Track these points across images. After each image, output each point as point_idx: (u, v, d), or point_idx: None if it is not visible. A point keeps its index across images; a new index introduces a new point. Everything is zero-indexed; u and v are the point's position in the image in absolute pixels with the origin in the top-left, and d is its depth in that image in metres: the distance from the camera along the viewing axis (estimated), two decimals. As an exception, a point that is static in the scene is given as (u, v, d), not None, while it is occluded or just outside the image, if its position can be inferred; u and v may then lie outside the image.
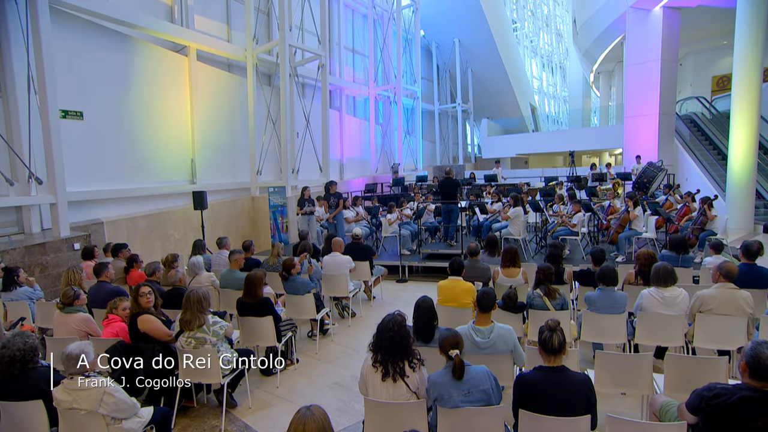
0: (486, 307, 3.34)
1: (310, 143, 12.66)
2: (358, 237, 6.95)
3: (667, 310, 3.82)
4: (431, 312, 3.43)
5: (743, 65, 11.16)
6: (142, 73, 9.46)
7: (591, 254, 4.89)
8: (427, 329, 3.41)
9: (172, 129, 10.21)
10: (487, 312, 3.36)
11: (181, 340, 3.60)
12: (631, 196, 7.51)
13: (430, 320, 3.42)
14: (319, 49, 12.70)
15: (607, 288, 4.00)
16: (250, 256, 6.55)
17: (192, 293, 3.62)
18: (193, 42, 10.47)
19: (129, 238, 8.93)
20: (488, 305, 3.34)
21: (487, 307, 3.35)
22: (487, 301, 3.34)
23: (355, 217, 9.70)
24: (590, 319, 4.05)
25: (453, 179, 8.77)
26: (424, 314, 3.41)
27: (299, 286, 5.24)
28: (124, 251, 6.29)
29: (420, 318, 3.42)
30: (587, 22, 20.28)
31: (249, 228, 12.11)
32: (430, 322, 3.42)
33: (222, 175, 11.75)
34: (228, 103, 11.88)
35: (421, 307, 3.42)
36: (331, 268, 6.12)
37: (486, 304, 3.34)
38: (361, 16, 18.06)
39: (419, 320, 3.42)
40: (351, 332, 5.90)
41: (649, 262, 4.58)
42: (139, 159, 9.43)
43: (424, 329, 3.41)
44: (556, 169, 21.05)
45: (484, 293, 3.37)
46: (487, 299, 3.34)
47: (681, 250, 5.38)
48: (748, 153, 11.23)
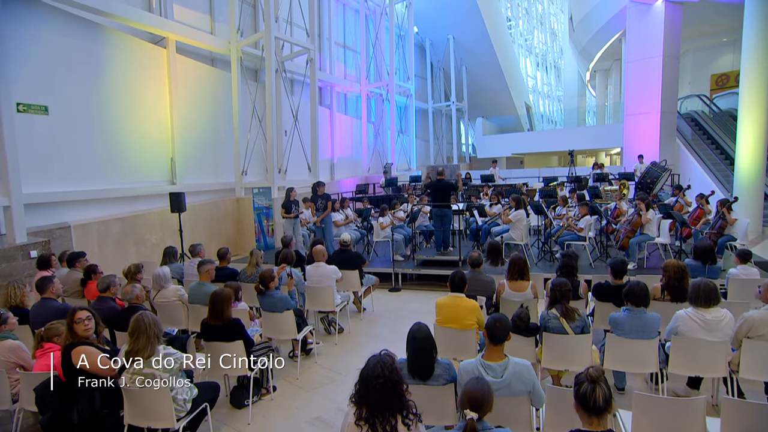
0: (499, 338, 2.72)
1: (298, 142, 12.02)
2: (347, 243, 6.30)
3: (709, 335, 3.22)
4: (429, 343, 2.81)
5: (752, 60, 10.64)
6: (116, 66, 8.78)
7: (610, 266, 4.28)
8: (426, 364, 2.79)
9: (150, 126, 9.54)
10: (500, 344, 2.74)
11: (125, 376, 2.95)
12: (643, 198, 6.94)
13: (429, 353, 2.80)
14: (307, 43, 12.05)
15: (636, 309, 3.40)
16: (226, 265, 5.91)
17: (142, 317, 2.96)
18: (172, 33, 9.81)
19: (100, 243, 8.29)
20: (501, 336, 2.72)
21: (500, 339, 2.73)
22: (500, 331, 2.71)
23: (344, 220, 9.05)
24: (616, 345, 3.45)
25: (446, 181, 8.07)
26: (421, 347, 2.78)
27: (277, 302, 4.59)
28: (82, 260, 5.59)
29: (415, 352, 2.79)
30: (585, 19, 19.79)
31: (233, 231, 11.46)
32: (429, 356, 2.80)
33: (204, 175, 11.08)
34: (211, 99, 11.21)
35: (417, 339, 2.79)
36: (315, 279, 5.48)
37: (499, 335, 2.72)
38: (353, 11, 17.43)
39: (415, 354, 2.80)
40: (338, 351, 5.26)
41: (679, 275, 4.00)
42: (112, 158, 8.75)
43: (422, 365, 2.79)
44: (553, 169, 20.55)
45: (497, 321, 2.75)
46: (501, 329, 2.71)
47: (707, 259, 4.80)
48: (757, 152, 10.72)
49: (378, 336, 5.72)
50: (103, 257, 8.25)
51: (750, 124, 10.76)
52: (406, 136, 19.20)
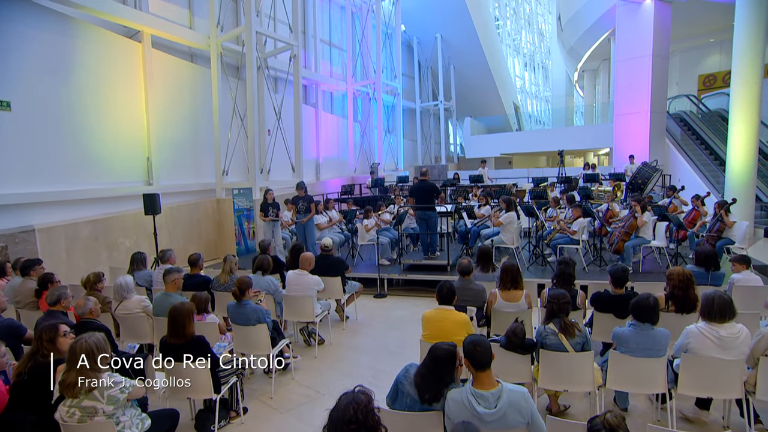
0: (482, 363, 2.37)
1: (282, 141, 11.61)
2: (328, 248, 5.92)
3: (723, 353, 2.91)
4: (451, 362, 2.42)
5: (743, 59, 10.46)
6: (86, 60, 8.33)
7: (610, 274, 3.95)
8: (437, 386, 2.42)
9: (124, 123, 9.09)
10: (485, 370, 2.39)
11: (62, 410, 2.54)
12: (638, 200, 6.66)
13: (448, 373, 2.42)
14: (290, 39, 11.64)
15: (643, 324, 3.07)
16: (198, 272, 5.49)
17: (79, 344, 2.55)
18: (147, 27, 9.38)
19: (68, 248, 7.83)
20: (484, 360, 2.37)
21: (484, 363, 2.38)
22: (482, 354, 2.36)
23: (327, 223, 8.66)
24: (620, 363, 3.12)
25: (429, 183, 7.68)
26: (438, 366, 2.41)
27: (249, 313, 4.19)
28: (38, 268, 5.13)
29: (434, 369, 2.42)
30: (573, 18, 19.64)
31: (214, 234, 11.02)
32: (448, 376, 2.42)
33: (183, 176, 10.62)
34: (190, 97, 10.76)
35: (440, 357, 2.40)
36: (295, 287, 5.09)
37: (482, 359, 2.36)
38: (339, 8, 17.05)
39: (430, 371, 2.43)
40: (317, 366, 4.87)
41: (684, 284, 3.70)
42: (82, 157, 8.30)
43: (433, 385, 2.42)
44: (542, 169, 20.40)
45: (476, 345, 2.39)
46: (482, 352, 2.36)
47: (710, 265, 4.51)
48: (749, 152, 10.54)
49: (362, 348, 5.35)
50: (72, 262, 7.81)
51: (741, 123, 10.59)
52: (394, 136, 18.86)
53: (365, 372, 4.65)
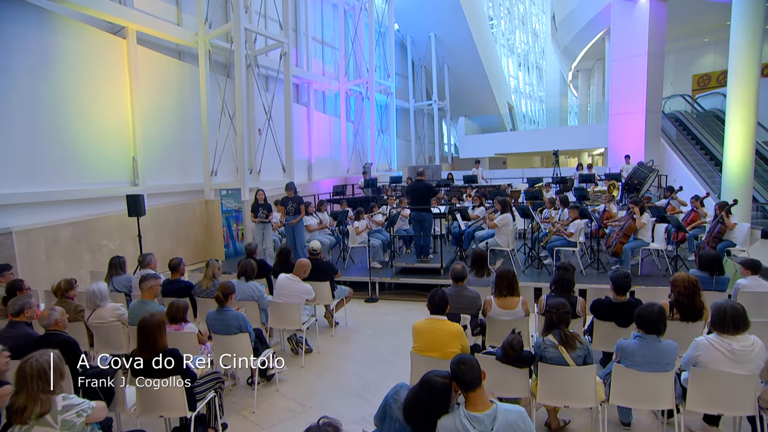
0: (471, 383, 2.14)
1: (273, 141, 11.35)
2: (316, 252, 5.67)
3: (736, 367, 2.70)
4: (446, 396, 2.17)
5: (740, 58, 10.34)
6: (69, 57, 8.05)
7: (612, 280, 3.73)
8: (429, 419, 2.18)
9: (109, 122, 8.80)
10: (475, 389, 2.17)
11: (11, 437, 2.29)
12: (637, 201, 6.46)
13: (442, 408, 2.17)
14: (281, 36, 11.38)
15: (649, 336, 2.86)
16: (179, 277, 5.23)
17: (29, 365, 2.30)
18: (132, 23, 9.08)
19: (48, 251, 7.54)
20: (473, 380, 2.14)
21: (473, 383, 2.14)
22: (469, 373, 2.13)
23: (318, 224, 8.41)
24: (624, 377, 2.90)
25: (425, 183, 7.41)
26: (432, 402, 2.16)
27: (230, 320, 3.95)
28: (6, 274, 4.85)
29: (428, 403, 2.16)
30: (568, 17, 19.51)
31: (202, 236, 10.74)
32: (442, 410, 2.17)
33: (171, 176, 10.33)
34: (178, 95, 10.47)
35: (433, 387, 2.15)
36: (285, 293, 4.84)
37: (470, 380, 2.13)
38: (331, 6, 16.79)
39: (422, 406, 2.17)
40: (304, 376, 4.62)
41: (690, 291, 3.49)
42: (64, 157, 8.01)
43: (424, 420, 2.18)
44: (537, 170, 20.26)
45: (460, 364, 2.16)
46: (468, 371, 2.13)
47: (714, 269, 4.31)
48: (746, 152, 10.41)
49: (351, 356, 5.11)
50: (52, 265, 7.53)
51: (738, 123, 10.46)
52: (387, 136, 18.62)
53: (354, 383, 4.41)
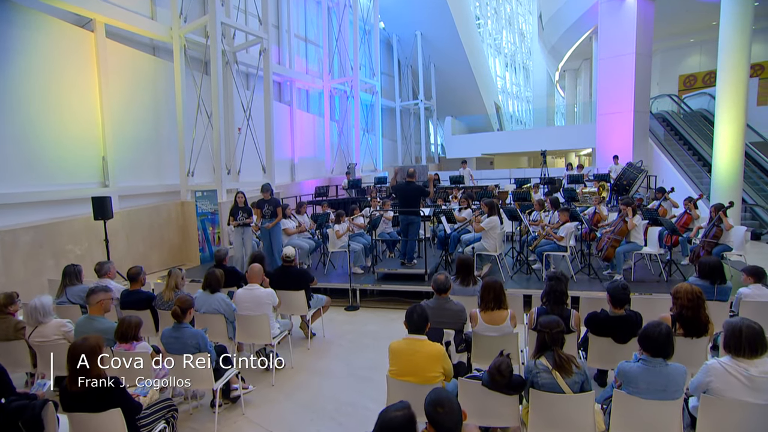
0: (449, 428, 1.85)
1: (253, 141, 10.91)
2: (290, 259, 5.26)
3: (753, 395, 2.38)
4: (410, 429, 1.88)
5: (729, 58, 10.19)
6: (30, 50, 7.56)
7: (609, 292, 3.40)
8: None
9: (75, 120, 8.31)
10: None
11: None
12: (628, 203, 6.17)
13: None
14: (260, 31, 10.94)
15: (655, 360, 2.52)
16: (139, 288, 4.79)
17: None
18: (100, 15, 8.59)
19: (5, 256, 7.04)
20: (451, 425, 1.86)
21: (452, 430, 1.86)
22: (446, 417, 1.86)
23: (297, 228, 7.99)
24: (626, 405, 2.56)
25: (415, 184, 7.01)
26: None
27: (187, 339, 3.54)
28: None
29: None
30: (555, 16, 19.34)
31: (178, 239, 10.24)
32: None
33: (144, 177, 9.84)
34: (152, 92, 9.98)
35: (393, 427, 1.87)
36: (246, 305, 4.43)
37: (449, 426, 1.85)
38: (314, 2, 16.39)
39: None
40: (273, 396, 4.21)
41: (695, 303, 3.18)
42: (25, 156, 7.52)
43: None
44: (524, 170, 20.07)
45: (437, 406, 1.90)
46: (446, 414, 1.87)
47: (716, 278, 4.01)
48: (735, 153, 10.26)
49: (326, 372, 4.71)
50: (10, 272, 7.01)
51: (727, 123, 10.30)
52: (372, 136, 18.24)
53: (327, 404, 4.01)
